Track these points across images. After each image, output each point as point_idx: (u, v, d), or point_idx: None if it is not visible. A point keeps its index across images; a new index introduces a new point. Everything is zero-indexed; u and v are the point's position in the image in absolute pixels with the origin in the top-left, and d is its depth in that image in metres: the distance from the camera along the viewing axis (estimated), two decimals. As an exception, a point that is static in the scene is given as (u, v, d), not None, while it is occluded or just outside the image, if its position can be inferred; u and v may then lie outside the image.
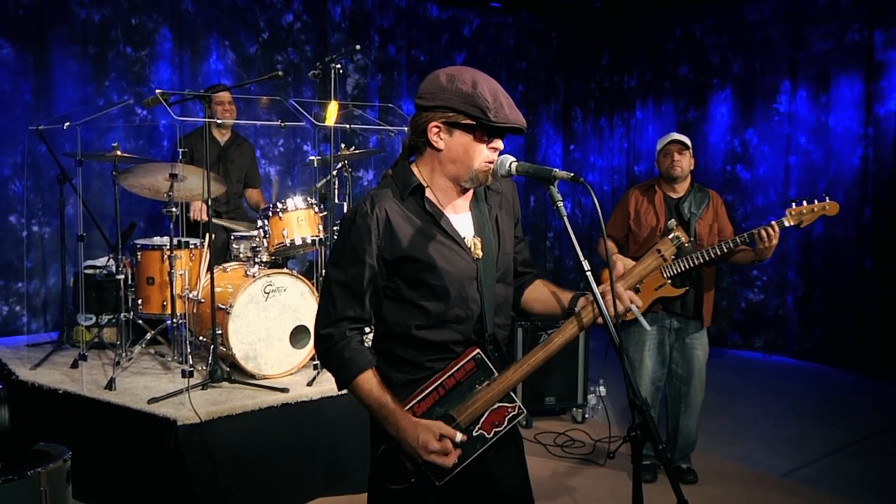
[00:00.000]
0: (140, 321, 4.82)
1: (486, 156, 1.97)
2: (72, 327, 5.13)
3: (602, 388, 5.42)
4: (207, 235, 4.58)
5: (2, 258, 5.52)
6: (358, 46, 5.47)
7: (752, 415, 5.66)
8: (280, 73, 4.66)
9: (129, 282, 4.83)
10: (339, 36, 7.06)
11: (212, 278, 4.24)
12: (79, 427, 4.01)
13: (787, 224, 3.77)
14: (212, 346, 4.20)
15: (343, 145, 5.28)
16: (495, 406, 1.99)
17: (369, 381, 1.95)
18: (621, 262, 2.11)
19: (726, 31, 7.70)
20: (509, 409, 2.01)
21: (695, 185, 4.24)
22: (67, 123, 4.64)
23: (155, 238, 5.06)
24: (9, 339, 5.34)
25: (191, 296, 4.57)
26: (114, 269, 4.85)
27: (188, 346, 4.37)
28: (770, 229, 3.74)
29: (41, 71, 5.61)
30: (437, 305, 1.99)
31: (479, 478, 2.09)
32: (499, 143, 1.98)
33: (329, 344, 1.98)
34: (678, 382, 4.29)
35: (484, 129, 1.94)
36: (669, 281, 4.11)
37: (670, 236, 2.19)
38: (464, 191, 2.06)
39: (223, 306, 4.33)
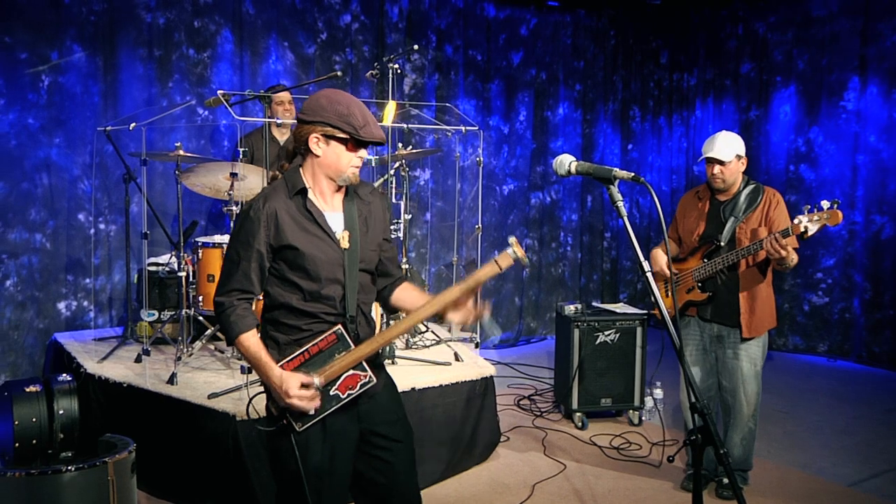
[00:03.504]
0: (200, 317, 4.91)
1: (354, 162, 2.44)
2: (136, 323, 5.27)
3: (659, 391, 5.34)
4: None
5: (71, 255, 5.70)
6: (416, 46, 5.48)
7: (816, 421, 5.49)
8: (338, 73, 4.70)
9: (191, 279, 4.93)
10: (396, 36, 7.09)
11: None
12: (142, 420, 4.12)
13: (791, 234, 3.66)
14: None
15: (400, 145, 5.32)
16: (350, 372, 2.40)
17: (248, 339, 2.43)
18: (457, 290, 2.40)
19: (791, 27, 7.50)
20: (362, 377, 2.43)
21: (750, 183, 4.07)
22: (133, 124, 4.77)
23: (216, 236, 5.14)
24: (77, 333, 5.51)
25: (250, 293, 4.63)
26: (176, 266, 4.96)
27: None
28: (773, 241, 3.70)
29: (109, 73, 5.78)
30: (311, 285, 2.44)
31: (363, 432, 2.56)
32: (364, 153, 2.46)
33: (221, 309, 2.46)
34: (724, 393, 4.15)
35: (353, 142, 2.41)
36: (700, 285, 4.05)
37: (508, 250, 2.35)
38: (338, 192, 2.52)
39: (281, 304, 4.37)
